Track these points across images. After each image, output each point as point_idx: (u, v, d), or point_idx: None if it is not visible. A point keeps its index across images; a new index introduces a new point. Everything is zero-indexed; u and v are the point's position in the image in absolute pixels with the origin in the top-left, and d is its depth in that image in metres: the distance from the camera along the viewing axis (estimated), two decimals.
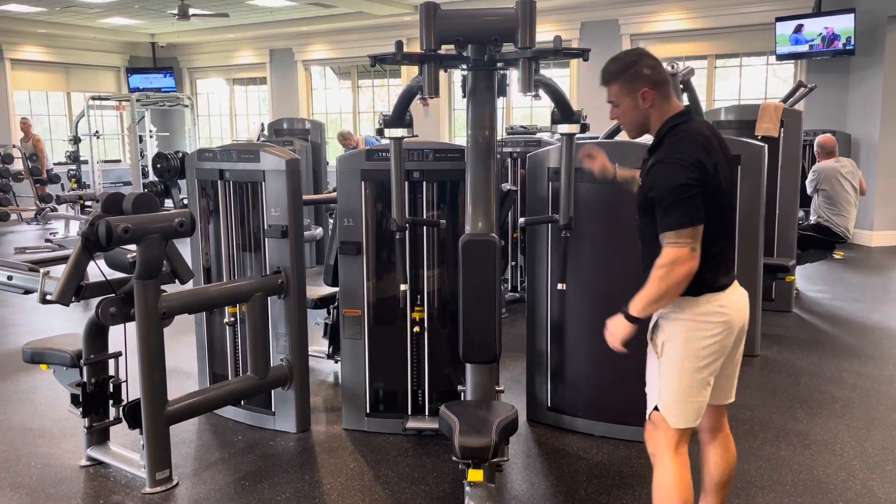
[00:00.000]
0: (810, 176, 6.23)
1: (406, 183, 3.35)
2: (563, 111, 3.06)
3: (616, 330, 2.24)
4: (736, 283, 2.34)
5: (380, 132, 3.08)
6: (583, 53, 2.87)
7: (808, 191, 6.24)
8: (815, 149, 6.39)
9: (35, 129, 13.25)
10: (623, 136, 5.55)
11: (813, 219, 6.24)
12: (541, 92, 3.00)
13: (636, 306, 2.19)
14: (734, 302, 2.29)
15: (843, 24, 8.51)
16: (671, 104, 2.25)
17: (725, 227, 2.26)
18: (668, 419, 2.23)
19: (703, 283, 2.18)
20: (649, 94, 2.22)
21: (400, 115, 3.05)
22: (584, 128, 3.09)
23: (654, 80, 2.23)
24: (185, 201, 7.97)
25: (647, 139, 2.37)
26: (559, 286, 3.41)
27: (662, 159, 2.16)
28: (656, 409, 2.26)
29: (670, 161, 2.14)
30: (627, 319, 2.20)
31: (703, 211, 2.11)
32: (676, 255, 2.10)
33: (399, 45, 2.85)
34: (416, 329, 3.48)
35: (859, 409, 3.83)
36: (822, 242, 6.13)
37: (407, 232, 3.36)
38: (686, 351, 2.21)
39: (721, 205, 2.19)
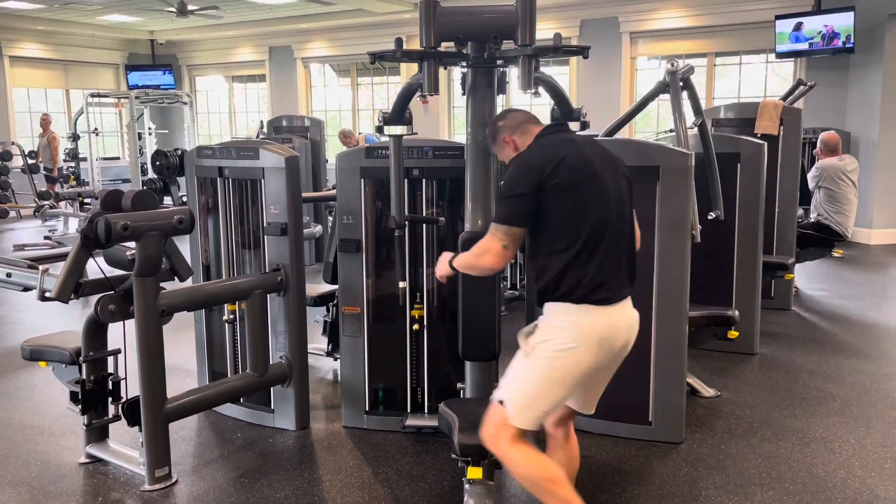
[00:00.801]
0: (813, 172, 6.21)
1: (406, 180, 3.35)
2: (563, 109, 3.07)
3: (441, 265, 2.51)
4: (626, 303, 2.32)
5: (379, 130, 3.08)
6: (582, 51, 2.87)
7: (811, 186, 6.22)
8: (818, 146, 6.39)
9: (34, 125, 13.25)
10: (623, 134, 5.55)
11: (813, 217, 6.24)
12: (540, 90, 2.99)
13: (457, 261, 2.45)
14: (615, 321, 2.27)
15: (842, 22, 8.51)
16: (532, 132, 2.44)
17: (600, 236, 2.25)
18: (510, 416, 2.27)
19: (579, 289, 2.21)
20: (508, 138, 2.47)
21: (399, 113, 3.05)
22: (584, 125, 3.09)
23: (509, 126, 2.48)
24: (185, 199, 7.96)
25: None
26: None
27: (512, 162, 2.40)
28: (502, 401, 2.31)
29: (514, 163, 2.37)
30: (449, 264, 2.47)
31: (526, 216, 2.24)
32: (488, 245, 2.29)
33: (398, 42, 2.84)
34: (416, 327, 3.48)
35: (858, 407, 3.83)
36: (821, 241, 6.13)
37: (406, 229, 3.36)
38: (547, 360, 2.25)
39: (588, 210, 2.23)
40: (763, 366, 4.51)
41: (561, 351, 2.23)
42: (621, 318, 2.29)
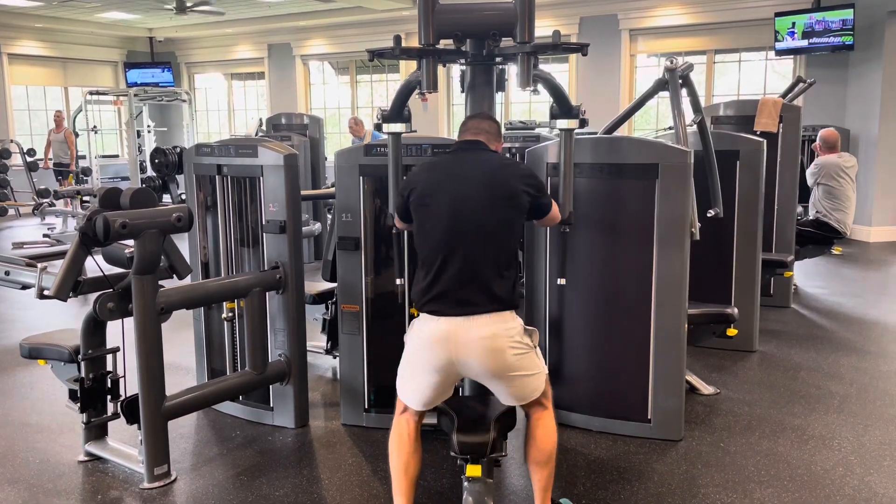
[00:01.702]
0: (812, 169, 6.21)
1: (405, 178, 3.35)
2: (562, 106, 3.06)
3: None
4: (470, 319, 2.43)
5: (378, 127, 3.07)
6: (581, 48, 2.86)
7: (809, 183, 6.21)
8: (817, 142, 6.38)
9: (33, 123, 13.24)
10: (622, 132, 5.54)
11: (812, 214, 6.24)
12: (539, 87, 2.99)
13: None
14: (447, 333, 2.44)
15: (842, 19, 8.51)
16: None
17: (437, 255, 2.49)
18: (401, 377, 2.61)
19: (416, 297, 2.55)
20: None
21: (398, 110, 3.04)
22: (583, 123, 3.09)
23: (460, 129, 2.76)
24: (183, 196, 7.94)
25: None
26: (559, 281, 3.41)
27: None
28: None
29: None
30: None
31: (402, 210, 2.71)
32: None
33: (397, 39, 2.84)
34: None
35: (857, 405, 3.83)
36: (820, 238, 6.13)
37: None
38: (405, 351, 2.60)
39: (429, 231, 2.53)
40: (762, 363, 4.51)
41: (409, 347, 2.57)
42: (457, 333, 2.43)
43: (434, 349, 2.46)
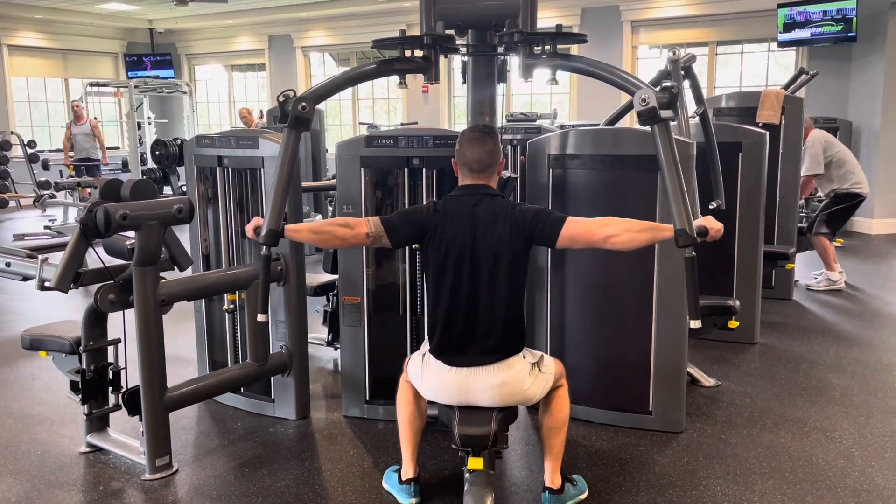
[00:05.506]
0: (814, 148, 5.90)
1: (406, 170, 3.35)
2: (619, 86, 2.84)
3: None
4: (476, 370, 2.56)
5: (281, 119, 2.82)
6: (582, 38, 2.85)
7: (820, 169, 5.93)
8: (806, 123, 6.22)
9: (34, 115, 13.22)
10: (624, 123, 5.52)
11: (825, 193, 6.11)
12: (534, 76, 2.95)
13: None
14: (454, 382, 2.57)
15: (844, 10, 8.48)
16: (462, 179, 2.70)
17: (444, 294, 2.59)
18: (408, 362, 2.81)
19: (427, 329, 2.76)
20: (454, 164, 2.75)
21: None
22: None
23: (457, 151, 2.69)
24: (184, 188, 7.94)
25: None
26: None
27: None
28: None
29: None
30: None
31: (396, 224, 2.65)
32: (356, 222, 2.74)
33: (402, 32, 2.83)
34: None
35: (858, 397, 3.83)
36: (848, 209, 6.01)
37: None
38: (414, 359, 2.76)
39: (444, 269, 2.58)
40: (763, 355, 4.51)
41: (417, 364, 2.71)
42: (469, 382, 2.56)
43: (445, 392, 2.60)
